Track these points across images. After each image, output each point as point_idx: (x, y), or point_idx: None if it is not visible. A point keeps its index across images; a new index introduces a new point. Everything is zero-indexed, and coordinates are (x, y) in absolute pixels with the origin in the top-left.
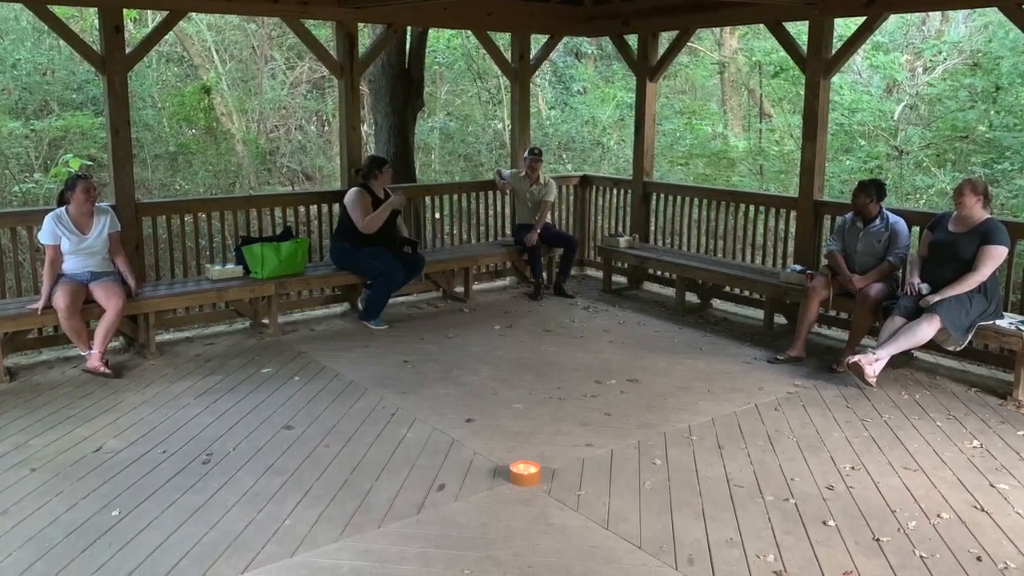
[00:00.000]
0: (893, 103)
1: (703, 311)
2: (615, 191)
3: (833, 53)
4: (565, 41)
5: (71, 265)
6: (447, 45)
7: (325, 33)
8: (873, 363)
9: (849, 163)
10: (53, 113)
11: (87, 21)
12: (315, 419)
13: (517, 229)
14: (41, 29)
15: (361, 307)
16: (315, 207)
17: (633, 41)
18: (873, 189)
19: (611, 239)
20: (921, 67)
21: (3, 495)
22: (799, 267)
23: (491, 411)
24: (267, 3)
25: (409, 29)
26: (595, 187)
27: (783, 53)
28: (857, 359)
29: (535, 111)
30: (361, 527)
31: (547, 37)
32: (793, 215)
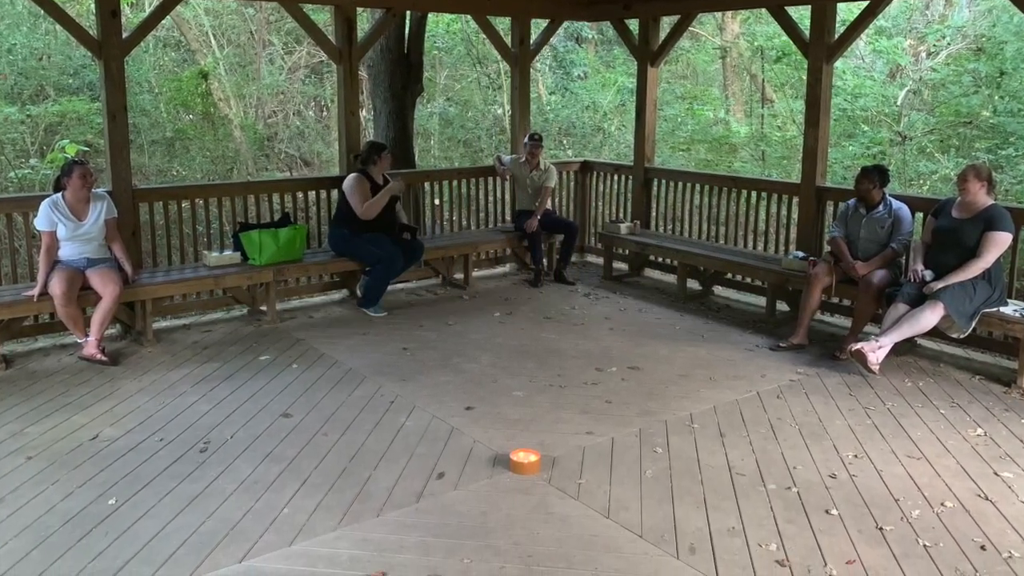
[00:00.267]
0: (896, 88)
1: (705, 298)
2: (616, 177)
3: (836, 38)
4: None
5: (67, 252)
6: (446, 30)
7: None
8: (876, 350)
9: (852, 149)
10: (49, 98)
11: (83, 5)
12: (313, 407)
13: (517, 215)
14: (37, 14)
15: (360, 294)
16: (313, 193)
17: (634, 26)
18: (876, 175)
19: (612, 225)
20: (924, 52)
21: None
22: (801, 254)
23: (491, 399)
24: None
25: (408, 13)
26: (596, 173)
27: (785, 38)
28: (860, 346)
29: (535, 96)
30: (360, 516)
31: (547, 22)
32: (795, 201)
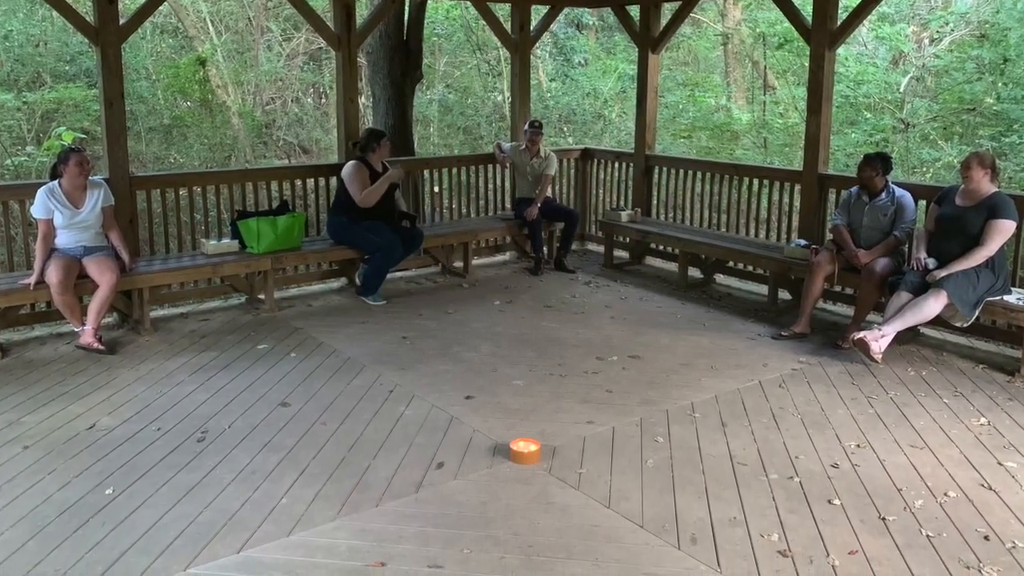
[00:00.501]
0: (899, 75)
1: (706, 286)
2: (617, 164)
3: (838, 24)
4: (566, 12)
5: (64, 240)
6: (446, 16)
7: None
8: (879, 339)
9: (854, 136)
10: (46, 85)
11: None
12: (312, 396)
13: (517, 203)
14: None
15: (359, 282)
16: (312, 181)
17: (635, 12)
18: (879, 162)
19: (613, 213)
20: (928, 38)
21: None
22: (804, 242)
23: (491, 388)
24: None
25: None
26: (596, 160)
27: (787, 24)
28: (863, 335)
29: (535, 83)
30: (358, 506)
31: (547, 8)
32: (797, 189)
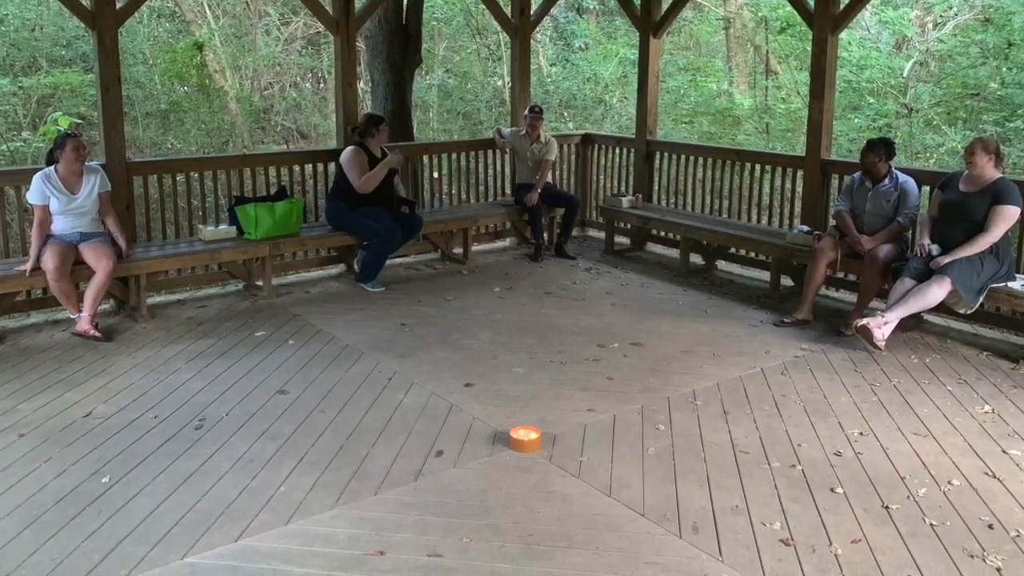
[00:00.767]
0: (902, 60)
1: (708, 273)
2: (617, 150)
3: (841, 8)
4: None
5: (60, 226)
6: (445, 0)
7: None
8: (882, 326)
9: (857, 121)
10: (42, 70)
11: None
12: (310, 384)
13: (517, 189)
14: None
15: (357, 269)
16: (310, 166)
17: None
18: (882, 148)
19: (613, 199)
20: (931, 23)
21: None
22: (806, 228)
23: (490, 375)
24: None
25: None
26: (597, 146)
27: (790, 8)
28: (866, 322)
29: (536, 68)
30: (357, 494)
31: None
32: (800, 174)
